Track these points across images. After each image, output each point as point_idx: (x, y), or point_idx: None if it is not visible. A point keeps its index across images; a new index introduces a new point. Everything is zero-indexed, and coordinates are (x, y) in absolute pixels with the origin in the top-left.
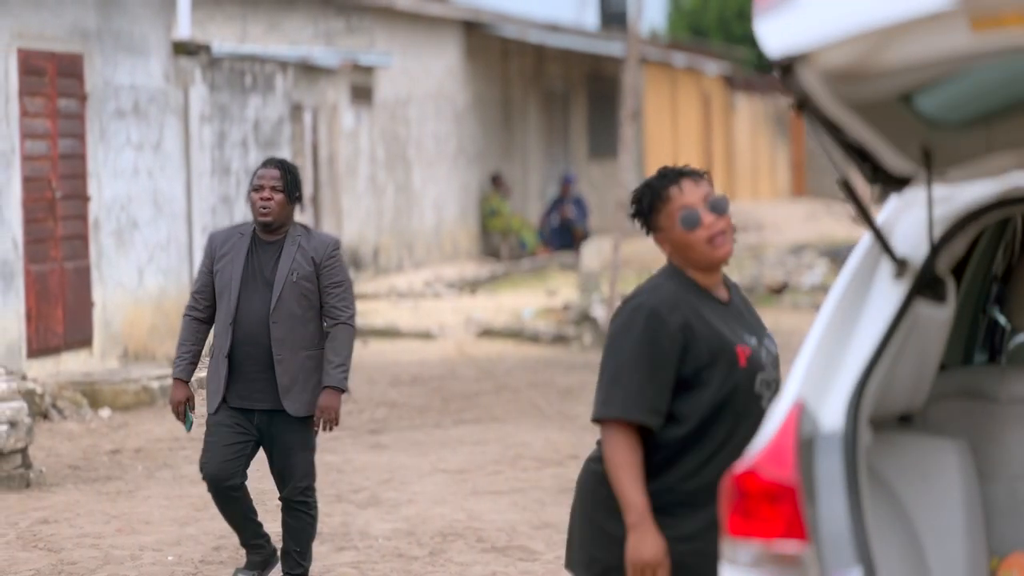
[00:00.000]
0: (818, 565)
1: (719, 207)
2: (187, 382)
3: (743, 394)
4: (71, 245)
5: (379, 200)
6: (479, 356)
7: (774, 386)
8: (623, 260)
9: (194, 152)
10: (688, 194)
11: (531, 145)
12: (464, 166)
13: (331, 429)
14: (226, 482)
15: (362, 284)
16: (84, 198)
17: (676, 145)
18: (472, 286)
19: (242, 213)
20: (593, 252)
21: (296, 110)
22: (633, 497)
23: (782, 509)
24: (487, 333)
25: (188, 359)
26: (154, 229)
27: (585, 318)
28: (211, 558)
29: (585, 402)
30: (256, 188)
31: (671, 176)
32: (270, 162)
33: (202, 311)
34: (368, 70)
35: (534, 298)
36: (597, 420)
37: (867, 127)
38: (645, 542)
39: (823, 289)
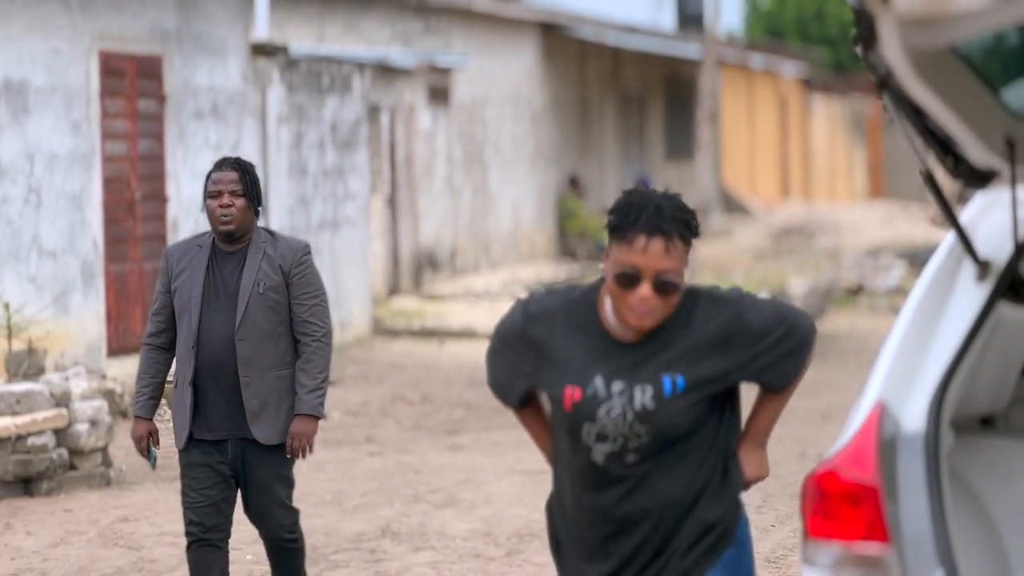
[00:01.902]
0: (900, 568)
1: (664, 289)
2: (149, 419)
3: (570, 439)
4: (150, 245)
5: (456, 201)
6: None
7: (621, 442)
8: (700, 261)
9: (271, 153)
10: (647, 256)
11: (608, 146)
12: (541, 167)
13: (304, 456)
14: (213, 531)
15: (438, 285)
16: (163, 199)
17: (753, 147)
18: (549, 287)
19: (319, 213)
20: None
21: (373, 111)
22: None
23: (863, 510)
24: None
25: (148, 394)
26: None
27: None
28: None
29: None
30: (213, 194)
31: (648, 225)
32: (225, 163)
33: (161, 336)
34: (445, 71)
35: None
36: None
37: (948, 110)
38: None
39: (900, 291)
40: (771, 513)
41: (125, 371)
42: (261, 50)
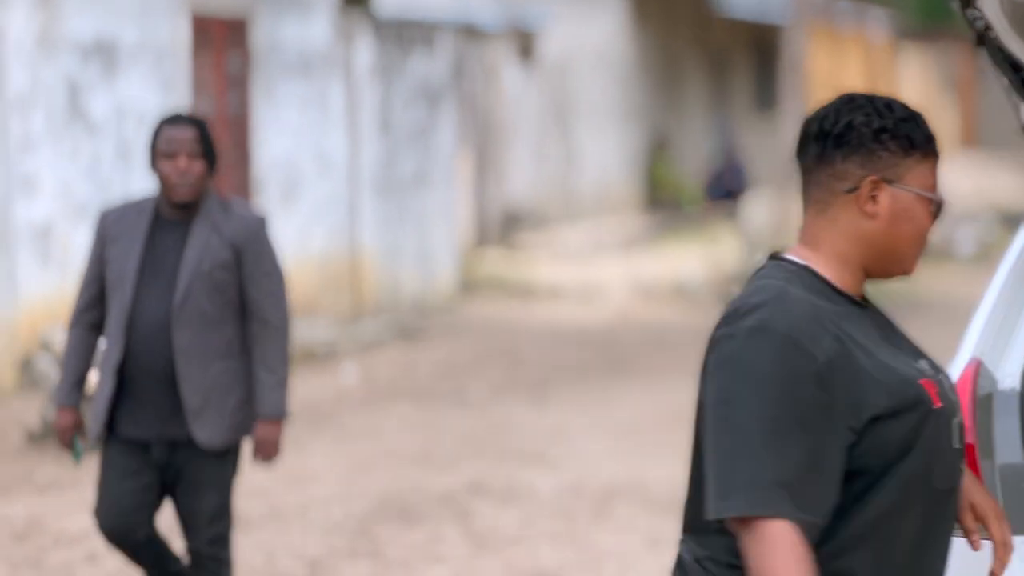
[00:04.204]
0: None
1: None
2: (75, 407)
3: (939, 453)
4: None
5: (542, 158)
6: (642, 315)
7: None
8: (785, 219)
9: (358, 111)
10: (938, 178)
11: (695, 105)
12: (627, 125)
13: (270, 460)
14: (129, 538)
15: (524, 242)
16: (249, 157)
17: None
18: (634, 245)
19: (406, 170)
20: (755, 211)
21: (459, 68)
22: None
23: None
24: (650, 293)
25: (72, 380)
26: (318, 187)
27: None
28: (377, 513)
29: None
30: (168, 155)
31: (925, 137)
32: (179, 119)
33: (90, 312)
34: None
35: (697, 258)
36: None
37: None
38: None
39: (992, 250)
40: None
41: None
42: (348, 7)
